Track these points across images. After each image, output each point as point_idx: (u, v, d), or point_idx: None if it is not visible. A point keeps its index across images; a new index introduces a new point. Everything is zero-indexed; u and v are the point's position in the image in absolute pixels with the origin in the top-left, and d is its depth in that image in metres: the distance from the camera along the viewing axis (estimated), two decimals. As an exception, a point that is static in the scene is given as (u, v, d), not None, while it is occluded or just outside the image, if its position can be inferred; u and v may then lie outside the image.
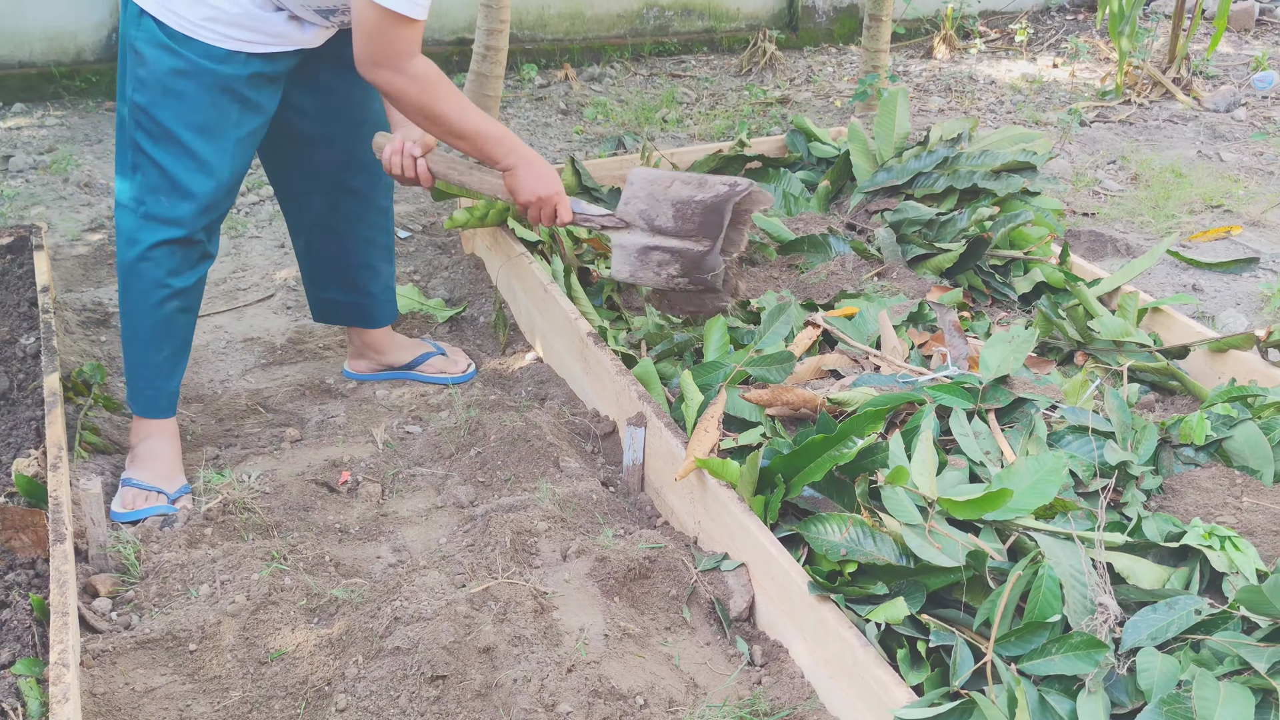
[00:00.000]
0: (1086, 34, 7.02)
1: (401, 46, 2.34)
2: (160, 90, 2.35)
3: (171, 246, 2.46)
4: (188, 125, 2.38)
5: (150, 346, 2.57)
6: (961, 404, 2.61)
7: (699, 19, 6.60)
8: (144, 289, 2.50)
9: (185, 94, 2.36)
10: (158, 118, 2.37)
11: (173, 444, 2.65)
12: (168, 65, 2.34)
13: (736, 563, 2.35)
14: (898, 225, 3.60)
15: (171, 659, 1.99)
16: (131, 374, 2.62)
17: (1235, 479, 2.53)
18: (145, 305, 2.51)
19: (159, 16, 2.32)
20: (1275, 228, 4.30)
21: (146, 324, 2.54)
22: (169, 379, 2.63)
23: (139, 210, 2.44)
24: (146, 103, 2.37)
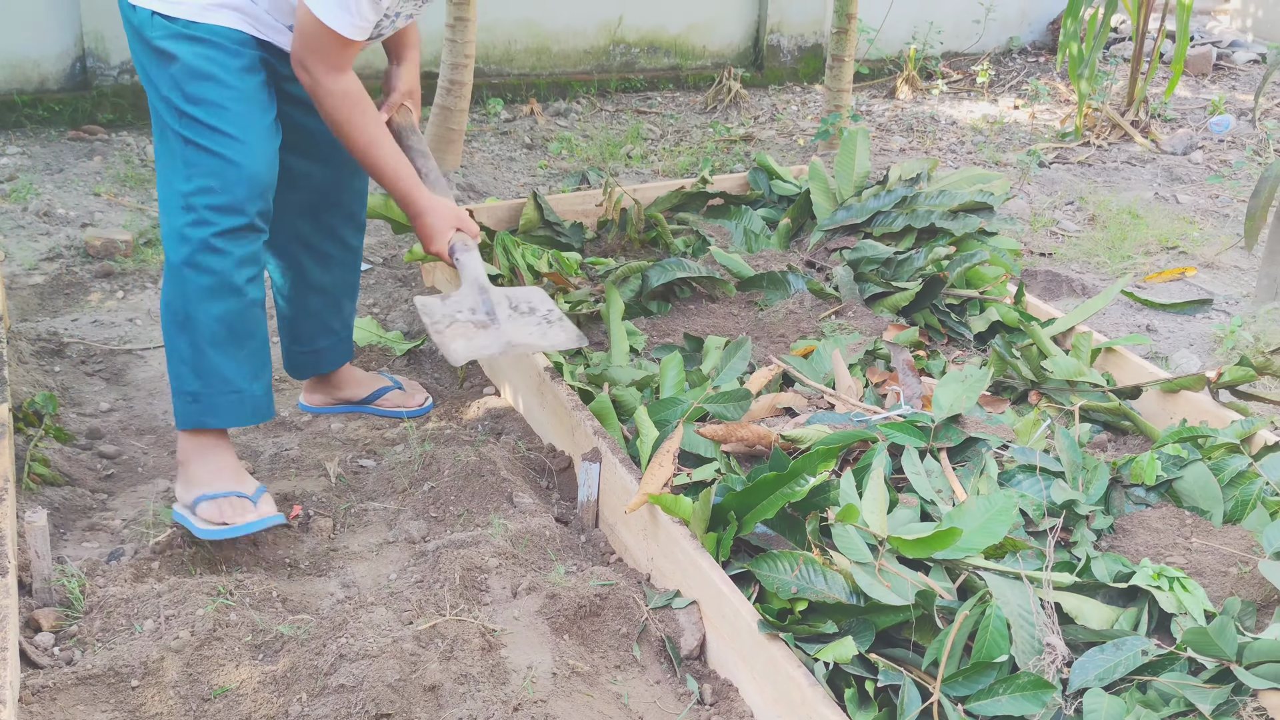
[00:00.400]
0: (1047, 76, 7.12)
1: (330, 59, 2.39)
2: (195, 77, 2.36)
3: (235, 235, 2.39)
4: (230, 103, 2.38)
5: (230, 345, 2.45)
6: (914, 442, 2.63)
7: (665, 56, 6.65)
8: (210, 285, 2.39)
9: (218, 74, 2.37)
10: (200, 105, 2.36)
11: (230, 453, 2.54)
12: (193, 51, 2.36)
13: (688, 600, 2.35)
14: (856, 264, 3.63)
15: (113, 695, 1.96)
16: (209, 381, 2.44)
17: (1185, 519, 2.56)
18: (214, 301, 2.40)
19: (166, 11, 2.36)
20: (1229, 270, 4.36)
21: (218, 322, 2.42)
22: (254, 380, 2.51)
23: (198, 205, 2.37)
24: (186, 95, 2.37)
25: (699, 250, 3.87)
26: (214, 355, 2.44)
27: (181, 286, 2.40)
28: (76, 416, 3.02)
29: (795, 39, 6.93)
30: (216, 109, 2.36)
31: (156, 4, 2.37)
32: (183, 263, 2.39)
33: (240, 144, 2.37)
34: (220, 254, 2.38)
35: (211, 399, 2.46)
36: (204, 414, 2.47)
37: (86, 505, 2.65)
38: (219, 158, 2.36)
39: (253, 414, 2.53)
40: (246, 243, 2.42)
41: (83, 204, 4.35)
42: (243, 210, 2.39)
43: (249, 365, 2.50)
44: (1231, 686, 2.02)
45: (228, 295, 2.42)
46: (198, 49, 2.36)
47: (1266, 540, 2.36)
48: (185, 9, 2.36)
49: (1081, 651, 2.13)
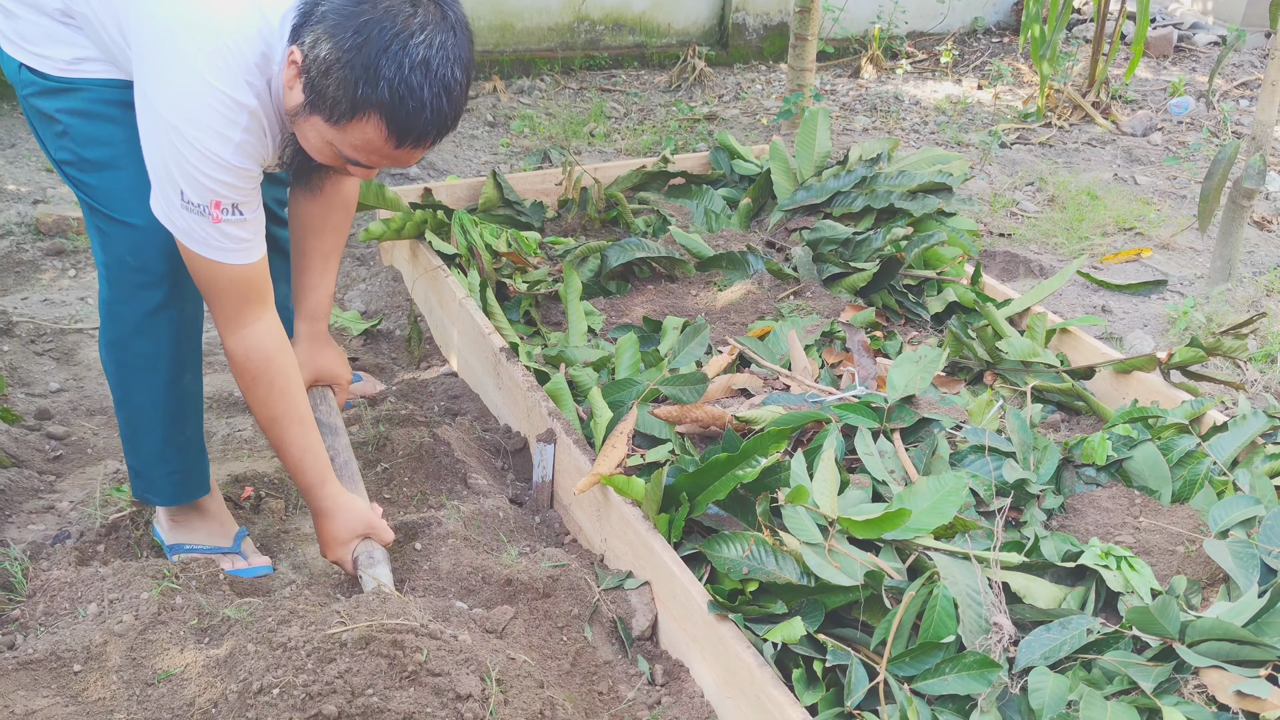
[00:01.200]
0: (1010, 57, 7.14)
1: (226, 304, 2.05)
2: (79, 137, 2.06)
3: (167, 311, 2.14)
4: (121, 162, 2.06)
5: (170, 428, 2.24)
6: (867, 423, 2.64)
7: (630, 34, 6.62)
8: (146, 366, 2.17)
9: (104, 133, 2.06)
10: (93, 170, 2.07)
11: (216, 501, 2.41)
12: (68, 108, 2.05)
13: (640, 581, 2.35)
14: (815, 244, 3.63)
15: (55, 680, 1.94)
16: (150, 463, 2.27)
17: (1135, 499, 2.58)
18: (153, 383, 2.19)
19: (34, 65, 2.04)
20: (1184, 251, 4.39)
21: (159, 405, 2.22)
22: (200, 455, 2.32)
23: (118, 277, 2.11)
24: (75, 160, 2.08)
25: (659, 230, 3.86)
26: (151, 438, 2.25)
27: (115, 364, 2.20)
28: (25, 397, 2.98)
29: (761, 17, 6.91)
30: (111, 171, 2.06)
31: (25, 56, 2.05)
32: (110, 342, 2.18)
33: (139, 201, 2.02)
34: (149, 336, 2.15)
35: (153, 479, 2.30)
36: (146, 490, 2.32)
37: (34, 487, 2.62)
38: (127, 227, 2.07)
39: (197, 488, 2.35)
40: (177, 316, 2.16)
41: (35, 179, 4.29)
42: (164, 282, 2.11)
43: (192, 443, 2.30)
44: (1174, 665, 2.05)
45: (164, 378, 2.19)
46: (75, 104, 2.04)
47: (1212, 519, 2.38)
48: (53, 65, 2.03)
49: (1029, 631, 2.15)
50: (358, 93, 1.82)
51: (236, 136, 1.90)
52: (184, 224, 1.95)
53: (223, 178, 1.91)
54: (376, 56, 1.80)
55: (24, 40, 2.05)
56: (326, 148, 1.95)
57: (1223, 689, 1.96)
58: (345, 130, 1.88)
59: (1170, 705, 1.95)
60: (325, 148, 1.96)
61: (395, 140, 1.88)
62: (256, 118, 1.93)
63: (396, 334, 3.49)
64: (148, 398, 2.21)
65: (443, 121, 1.89)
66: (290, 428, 2.16)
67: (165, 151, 1.89)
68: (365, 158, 1.94)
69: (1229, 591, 2.23)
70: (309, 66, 1.85)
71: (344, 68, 1.82)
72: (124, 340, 2.16)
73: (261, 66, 1.92)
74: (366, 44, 1.80)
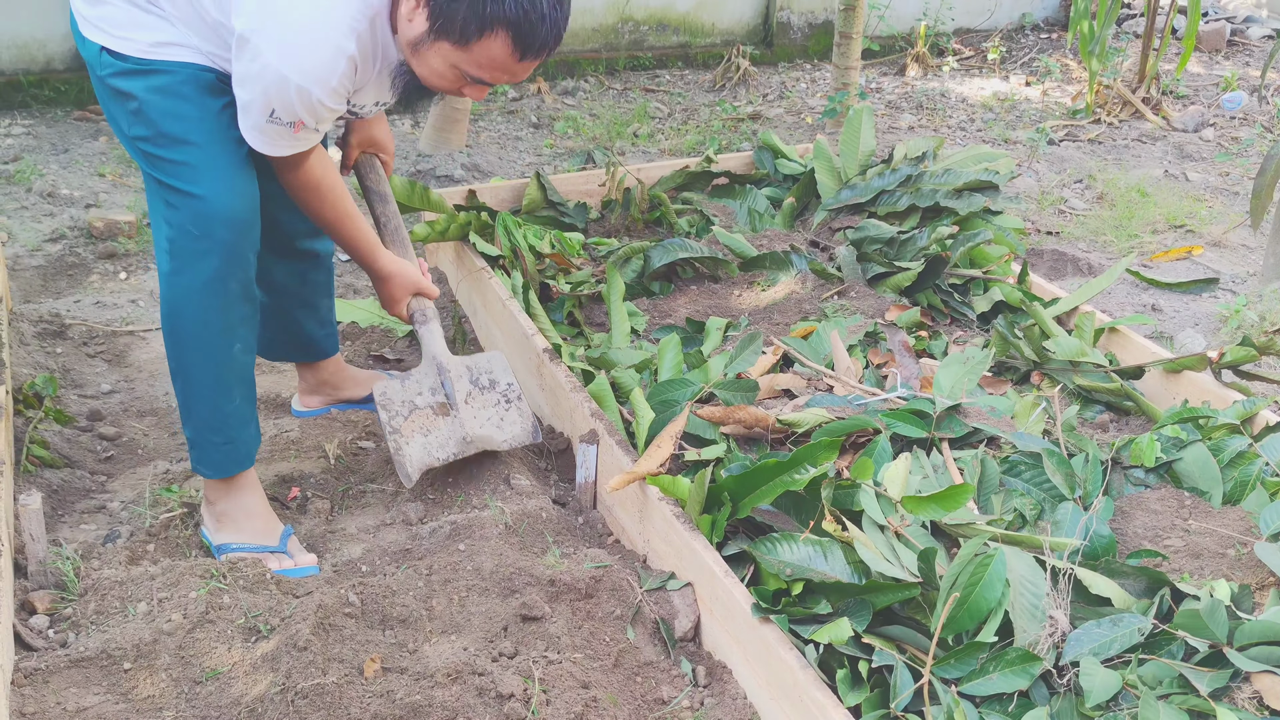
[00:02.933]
0: (1059, 53, 7.06)
1: (280, 160, 2.28)
2: (157, 114, 2.20)
3: (222, 283, 2.27)
4: (194, 137, 2.21)
5: (220, 396, 2.37)
6: (915, 433, 2.60)
7: (674, 34, 6.62)
8: (200, 333, 2.30)
9: (181, 109, 2.20)
10: (166, 144, 2.21)
11: (257, 493, 2.49)
12: (149, 87, 2.19)
13: (683, 582, 2.35)
14: (859, 243, 3.61)
15: (105, 678, 1.98)
16: (202, 432, 2.39)
17: (1184, 501, 2.54)
18: (206, 351, 2.32)
19: (115, 48, 2.19)
20: (1236, 248, 4.33)
21: (210, 372, 2.34)
22: (245, 425, 2.44)
23: (179, 249, 2.24)
24: (150, 135, 2.22)
25: (703, 230, 3.85)
26: (202, 406, 2.37)
27: (172, 333, 2.32)
28: (77, 398, 3.03)
29: (805, 15, 6.88)
30: (184, 146, 2.21)
31: (106, 39, 2.20)
32: (170, 311, 2.30)
33: (211, 182, 2.21)
34: (204, 302, 2.27)
35: (203, 449, 2.40)
36: (199, 461, 2.42)
37: (85, 487, 2.66)
38: (193, 198, 2.21)
39: (243, 460, 2.45)
40: (234, 287, 2.30)
41: (87, 184, 4.36)
42: (225, 253, 2.25)
43: (238, 413, 2.42)
44: (1231, 672, 2.01)
45: (215, 346, 2.32)
46: (154, 83, 2.20)
47: (1264, 522, 2.34)
48: (135, 46, 2.19)
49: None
50: (486, 10, 2.03)
51: (334, 82, 2.13)
52: (268, 133, 2.18)
53: (314, 111, 2.15)
54: None
55: (108, 24, 2.21)
56: (450, 70, 2.15)
57: (1275, 694, 1.93)
58: (471, 50, 2.09)
59: (1226, 710, 1.93)
60: (448, 71, 2.15)
61: (520, 53, 2.10)
62: (353, 62, 2.14)
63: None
64: (200, 365, 2.34)
65: (559, 32, 2.11)
66: (344, 224, 2.46)
67: (265, 85, 2.10)
68: (490, 75, 2.14)
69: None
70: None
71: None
72: (181, 309, 2.29)
73: (364, 8, 2.12)
74: None
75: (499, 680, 1.98)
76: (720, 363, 2.93)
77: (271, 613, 2.11)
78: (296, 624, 2.03)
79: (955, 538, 2.31)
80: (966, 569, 2.06)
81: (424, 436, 2.56)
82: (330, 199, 2.41)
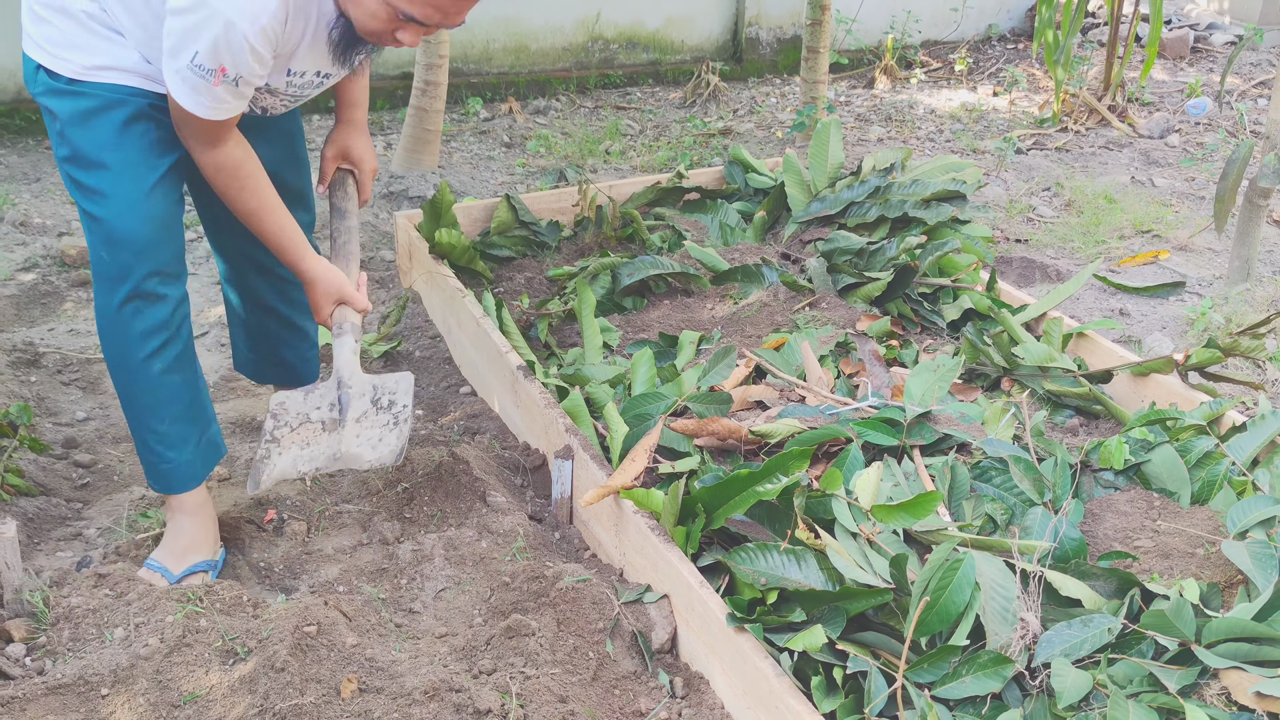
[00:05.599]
0: (1025, 63, 7.13)
1: (200, 136, 2.24)
2: (74, 138, 2.24)
3: (133, 304, 2.29)
4: (112, 163, 2.24)
5: (149, 416, 2.39)
6: (886, 440, 2.63)
7: (644, 52, 6.66)
8: (119, 354, 2.34)
9: (96, 134, 2.23)
10: (83, 167, 2.25)
11: (194, 518, 2.48)
12: (74, 109, 2.23)
13: (659, 594, 2.36)
14: (829, 254, 3.64)
15: (83, 704, 1.98)
16: (140, 450, 2.45)
17: (1153, 502, 2.57)
18: (126, 371, 2.36)
19: (50, 67, 2.22)
20: (1202, 252, 4.38)
21: (135, 392, 2.38)
22: (181, 446, 2.43)
23: (97, 272, 2.30)
24: (70, 157, 2.26)
25: (675, 245, 3.88)
26: (136, 426, 2.43)
27: (105, 353, 2.37)
28: (52, 426, 3.03)
29: (774, 31, 6.94)
30: (98, 170, 2.24)
31: (44, 57, 2.23)
32: (100, 331, 2.35)
33: (120, 207, 2.24)
34: (120, 326, 2.31)
35: (147, 464, 2.45)
36: (147, 476, 2.48)
37: (62, 515, 2.66)
38: (101, 225, 2.26)
39: (184, 481, 2.46)
40: (147, 311, 2.31)
41: (59, 213, 4.35)
42: (128, 275, 2.27)
43: (171, 434, 2.42)
44: (1198, 670, 2.04)
45: (137, 366, 2.35)
46: (79, 105, 2.23)
47: (1231, 521, 2.37)
48: (70, 67, 2.22)
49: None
50: None
51: (264, 20, 2.07)
52: (187, 82, 2.12)
53: (238, 54, 2.09)
54: None
55: (47, 43, 2.23)
56: (383, 9, 2.11)
57: (1242, 690, 1.96)
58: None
59: (1194, 707, 1.95)
60: (382, 9, 2.12)
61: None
62: (285, 6, 2.10)
63: (417, 355, 3.53)
64: (123, 386, 2.38)
65: None
66: (266, 218, 2.39)
67: (195, 20, 2.05)
68: (422, 11, 2.10)
69: (1248, 593, 2.22)
70: None
71: None
72: (104, 331, 2.34)
73: None
74: None
75: (476, 697, 1.99)
76: (694, 376, 2.96)
77: (249, 635, 2.12)
78: (274, 645, 2.03)
79: (927, 544, 2.33)
80: (936, 574, 2.09)
81: (300, 449, 2.49)
82: (250, 185, 2.34)
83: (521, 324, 3.39)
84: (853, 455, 2.55)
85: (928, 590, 2.08)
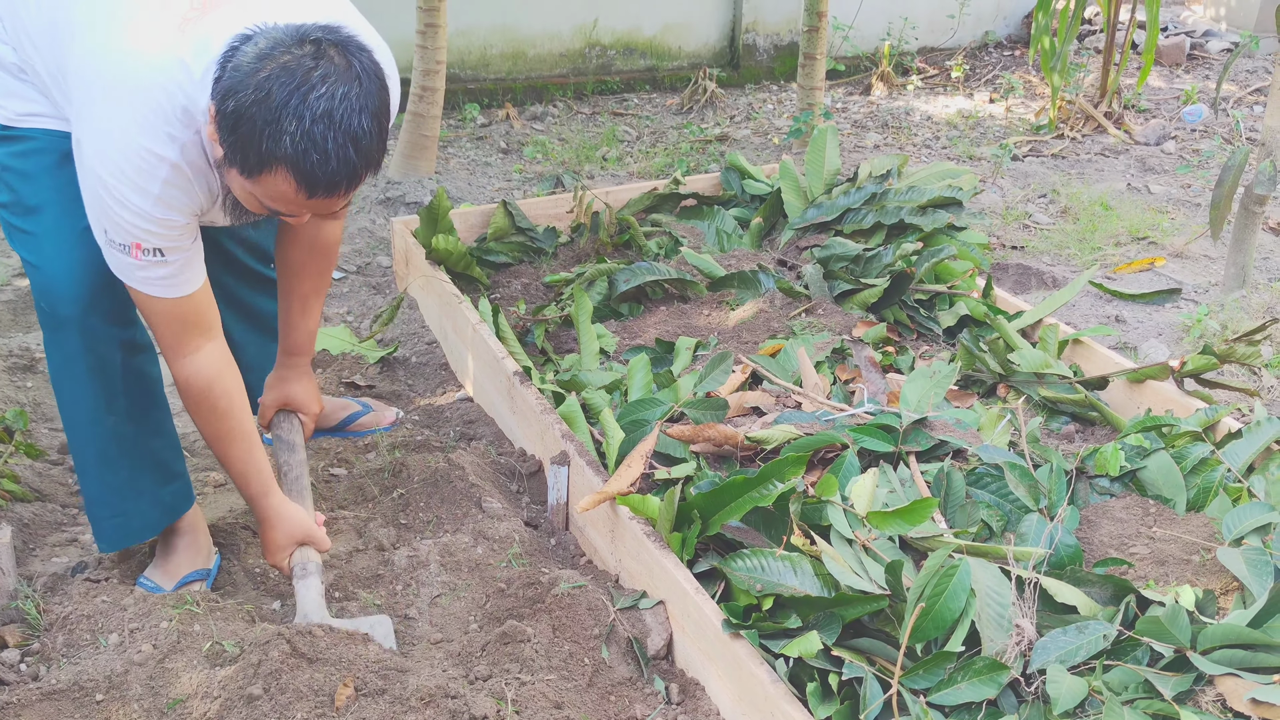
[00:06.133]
0: (1021, 70, 7.15)
1: (164, 333, 2.12)
2: (13, 180, 2.15)
3: (82, 359, 2.18)
4: (44, 206, 2.13)
5: (104, 468, 2.29)
6: (882, 446, 2.63)
7: (641, 58, 6.67)
8: (71, 406, 2.24)
9: (31, 175, 2.13)
10: (15, 210, 2.15)
11: (186, 536, 2.43)
12: (9, 151, 2.14)
13: (655, 600, 2.36)
14: (826, 261, 3.65)
15: (78, 710, 1.97)
16: (92, 506, 2.33)
17: (1149, 508, 2.57)
18: (81, 424, 2.25)
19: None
20: (1198, 259, 4.39)
21: (89, 445, 2.27)
22: (138, 497, 2.33)
23: (41, 320, 2.20)
24: (8, 199, 2.16)
25: (672, 251, 3.88)
26: (87, 480, 2.31)
27: (58, 400, 2.27)
28: (48, 431, 3.03)
29: (771, 37, 6.95)
30: (34, 215, 2.14)
31: None
32: (51, 379, 2.25)
33: (51, 247, 2.12)
34: (67, 378, 2.21)
35: (95, 522, 2.36)
36: (95, 534, 2.38)
37: (57, 520, 2.65)
38: (37, 270, 2.15)
39: (138, 533, 2.38)
40: (93, 360, 2.19)
41: (56, 219, 4.35)
42: (70, 321, 2.15)
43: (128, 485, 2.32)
44: (1194, 677, 2.04)
45: (89, 419, 2.24)
46: (15, 149, 2.14)
47: (1226, 527, 2.38)
48: (3, 115, 2.15)
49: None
50: (263, 148, 1.81)
51: (155, 189, 1.94)
52: (113, 259, 2.02)
53: (143, 225, 1.96)
54: (278, 112, 1.78)
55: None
56: (249, 198, 1.96)
57: (1238, 696, 1.96)
58: (259, 183, 1.87)
59: (1189, 713, 1.95)
60: (248, 198, 1.96)
61: (306, 191, 1.86)
62: (179, 170, 1.96)
63: (413, 360, 3.53)
64: (76, 438, 2.27)
65: (353, 171, 1.86)
66: (233, 445, 2.25)
67: (91, 196, 1.96)
68: (284, 207, 1.93)
69: (1244, 600, 2.22)
70: (221, 121, 1.84)
71: (248, 123, 1.80)
72: (54, 381, 2.23)
73: (185, 120, 1.93)
74: (268, 99, 1.78)
75: (472, 703, 1.99)
76: (690, 382, 2.96)
77: (244, 641, 2.12)
78: (269, 652, 2.03)
79: (923, 550, 2.33)
80: (932, 580, 2.09)
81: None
82: (222, 407, 2.20)
83: (518, 330, 3.40)
84: (848, 461, 2.55)
85: (923, 596, 2.08)
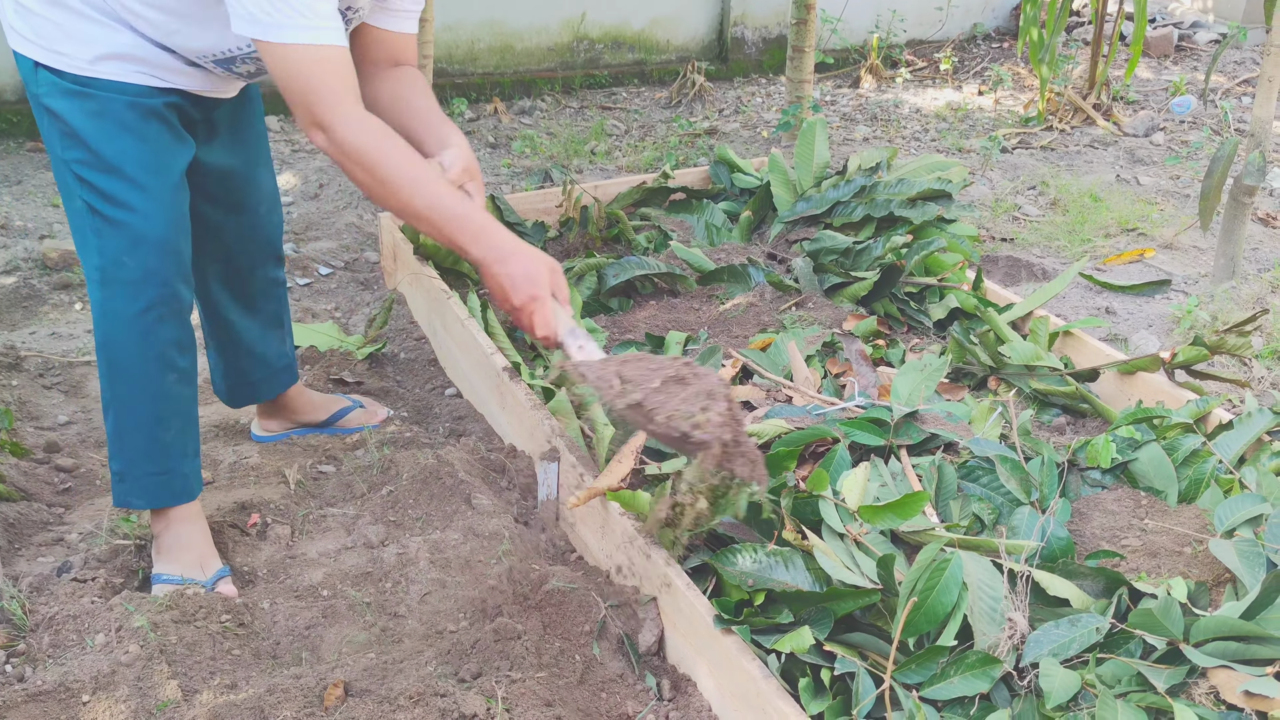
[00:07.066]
0: (1010, 61, 7.14)
1: (317, 91, 1.99)
2: (89, 138, 2.13)
3: (156, 310, 2.21)
4: (128, 165, 2.14)
5: (157, 426, 2.31)
6: (873, 440, 2.62)
7: (629, 51, 6.64)
8: (134, 363, 2.24)
9: (113, 133, 2.13)
10: (97, 169, 2.14)
11: (197, 525, 2.43)
12: (83, 110, 2.12)
13: (646, 596, 2.35)
14: (815, 254, 3.64)
15: (64, 711, 1.96)
16: (136, 463, 2.33)
17: (1140, 500, 2.57)
18: (140, 381, 2.26)
19: (50, 64, 2.11)
20: (1188, 250, 4.38)
21: (145, 403, 2.28)
22: (185, 457, 2.38)
23: (112, 279, 2.19)
24: (81, 159, 2.15)
25: (661, 245, 3.87)
26: (136, 437, 2.32)
27: (108, 364, 2.27)
28: (34, 430, 3.00)
29: (759, 30, 6.93)
30: (115, 174, 2.14)
31: (40, 54, 2.11)
32: (104, 342, 2.25)
33: (145, 210, 2.15)
34: (140, 334, 2.22)
35: (136, 479, 2.35)
36: (128, 494, 2.37)
37: (43, 519, 2.63)
38: (123, 227, 2.15)
39: (179, 493, 2.39)
40: (168, 316, 2.24)
41: (41, 215, 4.32)
42: (157, 281, 2.20)
43: (176, 444, 2.36)
44: (1187, 669, 2.04)
45: (150, 376, 2.26)
46: (90, 106, 2.12)
47: (1218, 519, 2.37)
48: (72, 62, 2.10)
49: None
50: None
51: None
52: (276, 11, 1.92)
53: None
54: None
55: (40, 38, 2.11)
56: None
57: (1231, 688, 1.96)
58: None
59: (1182, 706, 1.95)
60: None
61: None
62: None
63: (402, 357, 3.51)
64: (135, 396, 2.28)
65: None
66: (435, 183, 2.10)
67: None
68: None
69: (1236, 591, 2.22)
70: None
71: None
72: (115, 339, 2.24)
73: None
74: None
75: (462, 701, 1.98)
76: (679, 377, 2.94)
77: (232, 640, 2.10)
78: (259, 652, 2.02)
79: (915, 544, 2.32)
80: (924, 574, 2.08)
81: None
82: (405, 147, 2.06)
83: (507, 325, 3.38)
84: (839, 455, 2.54)
85: (915, 591, 2.08)
